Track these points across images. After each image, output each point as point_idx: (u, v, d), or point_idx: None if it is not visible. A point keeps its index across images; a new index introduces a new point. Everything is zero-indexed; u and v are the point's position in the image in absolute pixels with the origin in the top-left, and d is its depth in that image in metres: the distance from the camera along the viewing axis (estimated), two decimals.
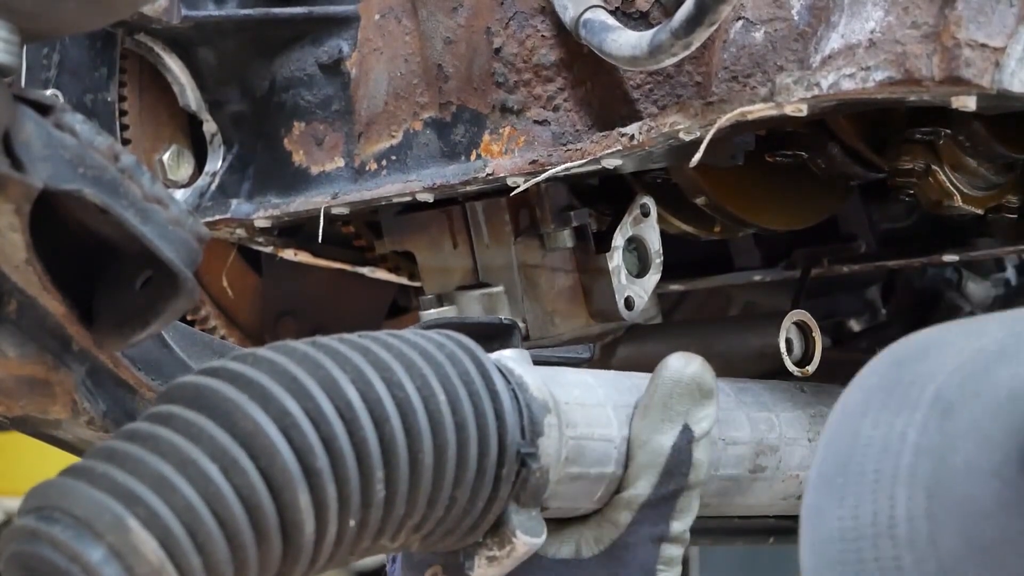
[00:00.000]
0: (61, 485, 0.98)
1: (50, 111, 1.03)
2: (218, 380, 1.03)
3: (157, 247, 1.05)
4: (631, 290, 1.63)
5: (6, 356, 1.15)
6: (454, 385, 1.10)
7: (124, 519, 0.95)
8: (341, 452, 1.02)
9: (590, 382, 1.25)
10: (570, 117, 1.54)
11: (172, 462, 0.98)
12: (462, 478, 1.09)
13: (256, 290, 2.01)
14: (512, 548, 1.16)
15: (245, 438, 1.00)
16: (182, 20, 1.68)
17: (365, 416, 1.04)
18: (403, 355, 1.09)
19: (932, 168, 1.57)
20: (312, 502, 1.01)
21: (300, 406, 1.02)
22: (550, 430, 1.16)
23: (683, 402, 1.23)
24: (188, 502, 0.97)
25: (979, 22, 1.28)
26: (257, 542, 0.99)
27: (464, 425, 1.09)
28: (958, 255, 1.78)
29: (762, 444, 1.39)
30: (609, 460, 1.22)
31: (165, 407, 1.03)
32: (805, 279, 1.84)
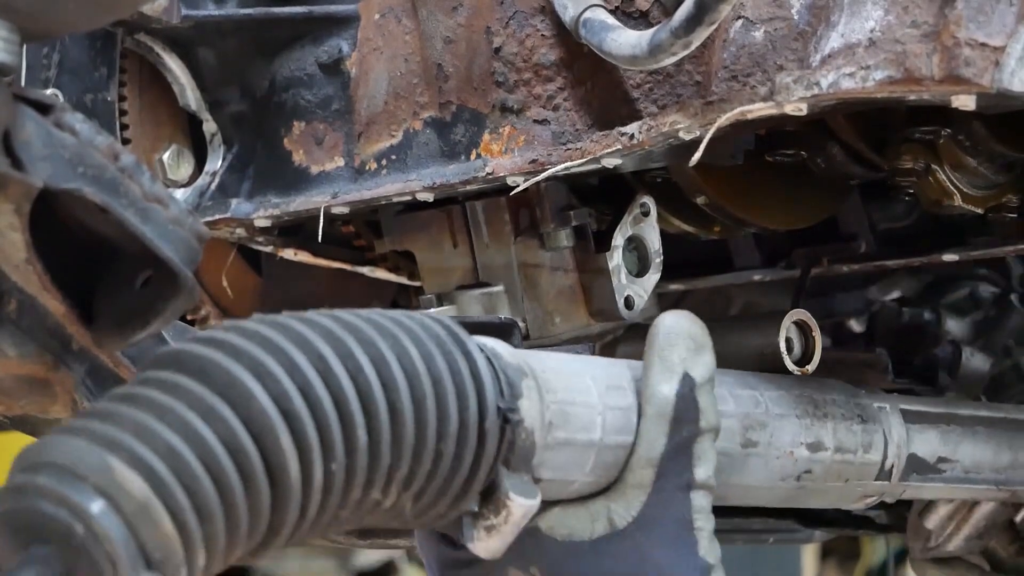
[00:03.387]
0: (43, 442, 0.99)
1: (50, 110, 1.03)
2: (193, 344, 1.05)
3: (157, 246, 1.05)
4: (631, 290, 1.63)
5: (6, 356, 1.15)
6: (426, 345, 1.12)
7: (107, 460, 0.96)
8: (318, 397, 1.03)
9: (565, 358, 1.27)
10: (570, 116, 1.55)
11: (152, 412, 0.99)
12: (444, 431, 1.10)
13: (256, 290, 2.01)
14: (508, 512, 1.16)
15: (222, 388, 1.01)
16: (182, 20, 1.68)
17: (339, 367, 1.06)
18: (372, 320, 1.11)
19: (932, 168, 1.57)
20: (294, 444, 1.02)
21: (274, 359, 1.04)
22: (529, 392, 1.17)
23: (679, 352, 1.26)
24: (169, 444, 0.98)
25: (979, 21, 1.28)
26: (244, 485, 0.99)
27: (440, 379, 1.11)
28: (958, 255, 1.78)
29: (749, 418, 1.40)
30: (594, 426, 1.23)
31: (142, 374, 1.05)
32: (805, 279, 1.84)
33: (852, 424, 1.51)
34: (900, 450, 1.55)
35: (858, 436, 1.51)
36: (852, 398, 1.54)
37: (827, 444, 1.47)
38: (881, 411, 1.55)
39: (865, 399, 1.55)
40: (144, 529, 0.96)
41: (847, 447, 1.50)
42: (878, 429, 1.54)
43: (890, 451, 1.54)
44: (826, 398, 1.50)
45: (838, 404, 1.51)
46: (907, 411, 1.58)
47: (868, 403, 1.55)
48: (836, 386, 1.54)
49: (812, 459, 1.46)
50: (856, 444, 1.51)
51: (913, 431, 1.58)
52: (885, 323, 2.08)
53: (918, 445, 1.58)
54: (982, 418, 1.67)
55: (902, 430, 1.56)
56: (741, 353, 1.62)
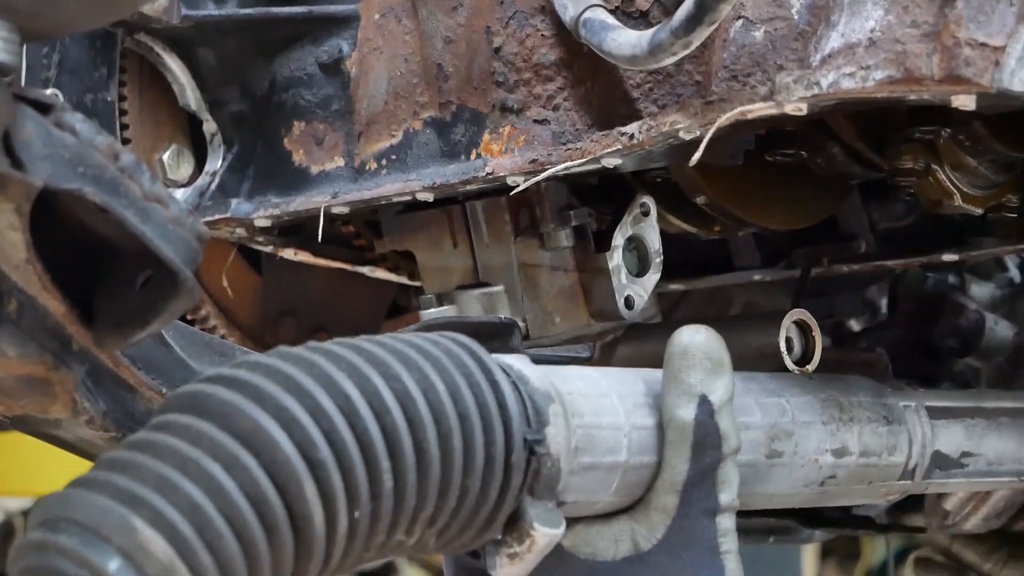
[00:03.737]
0: (64, 496, 0.98)
1: (50, 110, 1.03)
2: (213, 385, 1.03)
3: (157, 246, 1.05)
4: (631, 289, 1.63)
5: (6, 356, 1.15)
6: (452, 376, 1.09)
7: (130, 520, 0.95)
8: (343, 443, 1.01)
9: (592, 375, 1.24)
10: (570, 116, 1.54)
11: (173, 464, 0.97)
12: (471, 467, 1.08)
13: (256, 290, 2.01)
14: (532, 542, 1.14)
15: (245, 436, 0.99)
16: (182, 20, 1.68)
17: (365, 408, 1.03)
18: (398, 351, 1.09)
19: (932, 168, 1.57)
20: (319, 493, 1.00)
21: (298, 402, 1.01)
22: (555, 419, 1.15)
23: (695, 374, 1.23)
24: (193, 500, 0.96)
25: (979, 21, 1.28)
26: (267, 537, 0.98)
27: (467, 415, 1.09)
28: (958, 255, 1.78)
29: (776, 428, 1.38)
30: (620, 448, 1.21)
31: (162, 417, 1.02)
32: (805, 279, 1.84)
33: (878, 426, 1.49)
34: (924, 449, 1.54)
35: (883, 438, 1.50)
36: (878, 398, 1.52)
37: (852, 449, 1.46)
38: (907, 410, 1.54)
39: (891, 398, 1.54)
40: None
41: (872, 450, 1.48)
42: (903, 430, 1.52)
43: (914, 451, 1.53)
44: (852, 400, 1.49)
45: (864, 406, 1.49)
46: (933, 408, 1.57)
47: (894, 403, 1.53)
48: (862, 386, 1.53)
49: (837, 464, 1.45)
50: (881, 447, 1.49)
51: (938, 427, 1.57)
52: (908, 289, 2.06)
53: (943, 441, 1.57)
54: (1007, 409, 1.65)
55: (927, 428, 1.55)
56: (741, 353, 1.62)
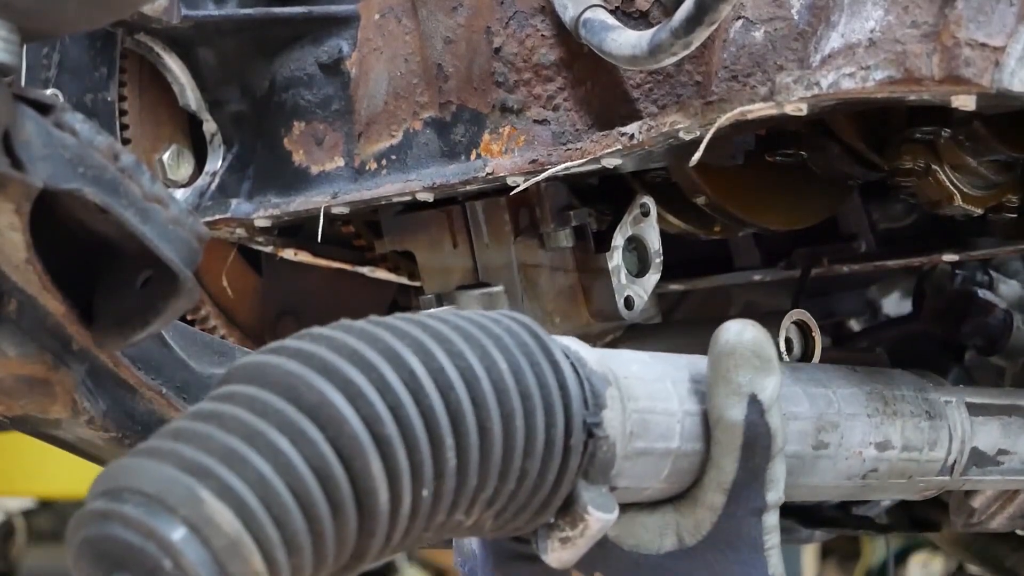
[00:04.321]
0: (128, 465, 0.95)
1: (50, 111, 1.03)
2: (278, 356, 1.01)
3: (157, 247, 1.05)
4: (631, 290, 1.63)
5: (6, 356, 1.15)
6: (515, 356, 1.08)
7: (196, 491, 0.93)
8: (409, 420, 1.00)
9: (646, 359, 1.22)
10: (570, 116, 1.54)
11: (240, 435, 0.96)
12: (531, 449, 1.07)
13: (256, 290, 2.01)
14: (585, 526, 1.13)
15: (311, 409, 0.97)
16: (182, 20, 1.68)
17: (430, 384, 1.02)
18: (460, 328, 1.07)
19: (932, 168, 1.57)
20: (384, 470, 0.98)
21: (364, 376, 1.00)
22: (613, 402, 1.14)
23: (744, 372, 1.20)
24: (260, 473, 0.94)
25: (979, 21, 1.28)
26: (332, 513, 0.96)
27: (529, 395, 1.07)
28: (958, 255, 1.78)
29: (823, 419, 1.37)
30: (673, 435, 1.20)
31: (225, 388, 1.00)
32: (805, 279, 1.84)
33: (920, 421, 1.49)
34: (964, 445, 1.54)
35: (925, 433, 1.49)
36: (920, 393, 1.52)
37: (895, 443, 1.45)
38: (947, 406, 1.54)
39: (932, 393, 1.53)
40: (233, 565, 0.92)
41: (914, 445, 1.48)
42: (944, 425, 1.52)
43: (954, 447, 1.53)
44: (895, 394, 1.48)
45: (907, 400, 1.49)
46: (972, 404, 1.57)
47: (936, 398, 1.53)
48: (905, 380, 1.52)
49: (879, 458, 1.44)
50: (923, 442, 1.49)
51: (976, 424, 1.56)
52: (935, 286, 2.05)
53: (980, 438, 1.57)
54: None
55: (967, 424, 1.55)
56: None
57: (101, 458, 1.33)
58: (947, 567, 5.61)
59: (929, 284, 2.05)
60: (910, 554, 5.58)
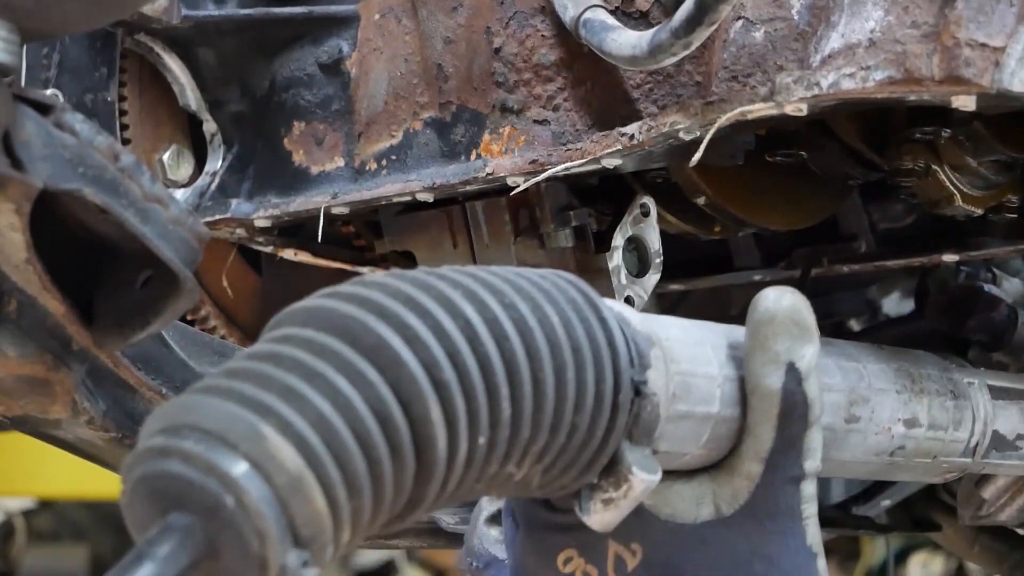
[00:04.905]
0: (186, 403, 0.92)
1: (50, 111, 1.03)
2: (333, 300, 0.99)
3: (157, 247, 1.05)
4: (631, 290, 1.63)
5: (6, 356, 1.15)
6: (565, 310, 1.07)
7: (258, 427, 0.90)
8: (466, 366, 0.99)
9: (686, 324, 1.21)
10: (570, 117, 1.55)
11: (300, 375, 0.93)
12: (582, 403, 1.06)
13: (256, 290, 2.01)
14: (629, 487, 1.11)
15: (369, 351, 0.96)
16: (182, 20, 1.68)
17: (485, 332, 1.01)
18: (511, 280, 1.06)
19: (932, 168, 1.57)
20: (443, 415, 0.97)
21: (421, 321, 0.98)
22: (657, 363, 1.13)
23: (782, 340, 1.18)
24: (320, 412, 0.92)
25: (979, 22, 1.28)
26: (392, 456, 0.94)
27: (579, 349, 1.06)
28: (958, 255, 1.78)
29: (855, 392, 1.36)
30: (713, 399, 1.19)
31: (280, 330, 0.98)
32: (805, 279, 1.84)
33: (945, 400, 1.49)
34: (986, 427, 1.54)
35: (950, 413, 1.49)
36: (945, 372, 1.52)
37: (922, 421, 1.45)
38: (971, 387, 1.54)
39: (956, 373, 1.53)
40: (295, 504, 0.90)
41: (940, 424, 1.48)
42: (968, 406, 1.52)
43: (977, 428, 1.52)
44: (922, 372, 1.48)
45: (933, 379, 1.49)
46: (993, 387, 1.57)
47: (959, 378, 1.53)
48: (929, 359, 1.52)
49: (907, 435, 1.43)
50: (948, 421, 1.49)
51: (997, 407, 1.56)
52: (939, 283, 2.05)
53: (1001, 422, 1.56)
54: None
55: (989, 407, 1.55)
56: None
57: (101, 458, 1.34)
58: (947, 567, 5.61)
59: (933, 280, 2.05)
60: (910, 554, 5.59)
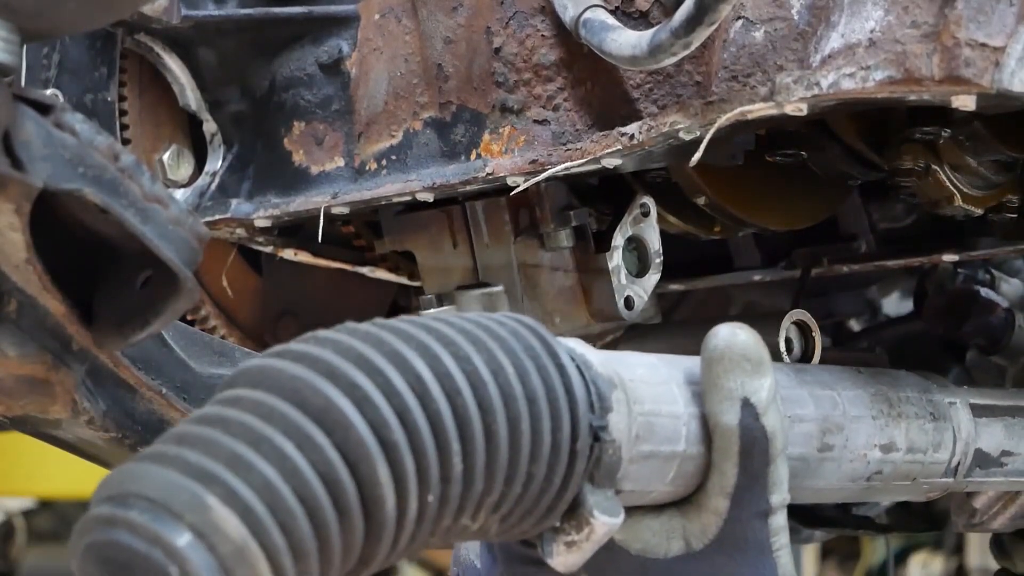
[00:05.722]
0: (133, 471, 0.95)
1: (50, 111, 1.03)
2: (282, 360, 1.00)
3: (157, 247, 1.05)
4: (631, 290, 1.63)
5: (6, 356, 1.15)
6: (521, 359, 1.08)
7: (203, 497, 0.92)
8: (416, 425, 0.99)
9: (653, 361, 1.22)
10: (570, 117, 1.54)
11: (246, 440, 0.95)
12: (538, 453, 1.07)
13: (256, 290, 2.01)
14: (591, 530, 1.12)
15: (317, 414, 0.97)
16: (182, 20, 1.68)
17: (437, 388, 1.01)
18: (466, 331, 1.07)
19: (932, 168, 1.57)
20: (391, 476, 0.98)
21: (370, 380, 0.99)
22: (619, 405, 1.13)
23: (735, 377, 1.19)
24: (266, 479, 0.94)
25: (979, 21, 1.28)
26: (339, 519, 0.96)
27: (535, 398, 1.07)
28: (958, 255, 1.78)
29: (828, 421, 1.36)
30: (678, 438, 1.20)
31: (230, 392, 1.00)
32: (805, 279, 1.84)
33: (924, 423, 1.49)
34: (968, 447, 1.54)
35: (929, 435, 1.49)
36: (925, 394, 1.51)
37: (899, 445, 1.45)
38: (952, 407, 1.53)
39: (937, 394, 1.53)
40: (239, 571, 0.92)
41: (918, 447, 1.47)
42: (948, 427, 1.52)
43: (958, 448, 1.52)
44: (900, 396, 1.48)
45: (911, 402, 1.48)
46: (976, 405, 1.56)
47: (940, 399, 1.53)
48: (909, 381, 1.52)
49: (884, 460, 1.44)
50: (927, 443, 1.48)
51: (980, 425, 1.56)
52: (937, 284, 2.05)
53: (984, 439, 1.56)
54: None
55: (971, 426, 1.54)
56: None
57: (101, 458, 1.33)
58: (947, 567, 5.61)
59: (931, 282, 2.05)
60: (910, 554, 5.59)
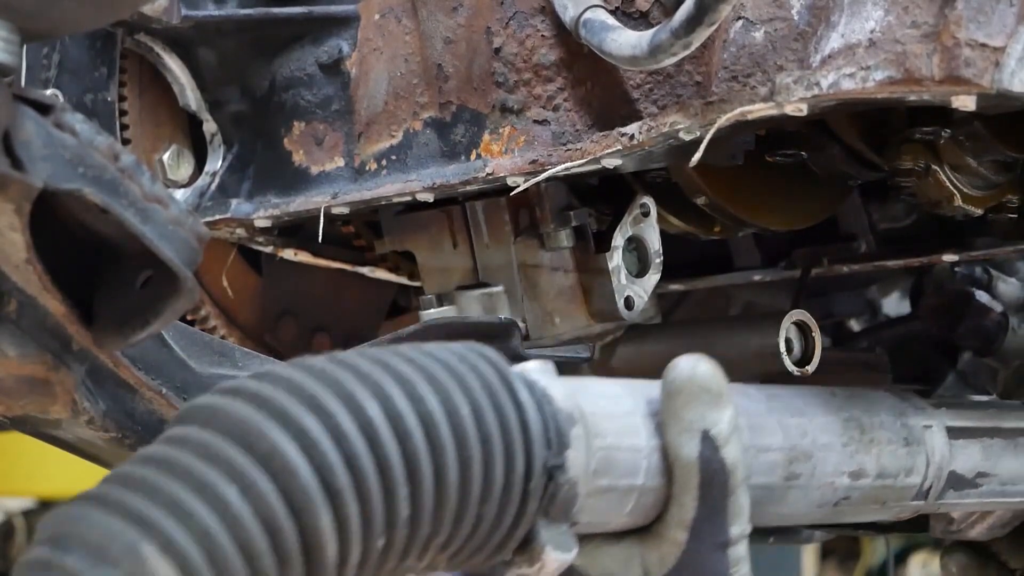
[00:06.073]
0: (74, 512, 0.95)
1: (50, 111, 1.03)
2: (234, 399, 1.01)
3: (157, 247, 1.05)
4: (631, 290, 1.63)
5: (6, 356, 1.15)
6: (477, 398, 1.07)
7: (139, 546, 0.93)
8: (363, 470, 1.00)
9: (617, 392, 1.22)
10: (570, 117, 1.54)
11: (188, 485, 0.96)
12: (488, 494, 1.07)
13: (256, 290, 2.01)
14: (542, 565, 1.12)
15: (263, 458, 0.97)
16: (182, 20, 1.68)
17: (387, 432, 1.01)
18: (424, 368, 1.07)
19: (932, 168, 1.57)
20: (334, 523, 0.98)
21: (320, 424, 0.99)
22: (577, 442, 1.13)
23: (694, 409, 1.20)
24: (205, 526, 0.94)
25: (979, 22, 1.28)
26: (278, 567, 0.96)
27: (489, 439, 1.07)
28: (958, 255, 1.78)
29: (795, 450, 1.36)
30: (638, 471, 1.20)
31: (180, 429, 1.01)
32: (805, 279, 1.84)
33: (897, 448, 1.48)
34: (941, 471, 1.53)
35: (901, 460, 1.48)
36: (900, 418, 1.50)
37: (869, 471, 1.45)
38: (927, 431, 1.52)
39: (913, 418, 1.52)
40: None
41: (889, 472, 1.47)
42: (921, 451, 1.51)
43: (930, 472, 1.52)
44: (874, 421, 1.47)
45: (885, 426, 1.48)
46: (952, 428, 1.55)
47: (915, 423, 1.52)
48: (885, 404, 1.51)
49: (852, 486, 1.44)
50: (898, 468, 1.48)
51: (956, 447, 1.55)
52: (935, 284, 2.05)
53: (959, 462, 1.55)
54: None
55: (945, 449, 1.53)
56: (741, 353, 1.62)
57: (101, 458, 1.33)
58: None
59: (929, 282, 2.05)
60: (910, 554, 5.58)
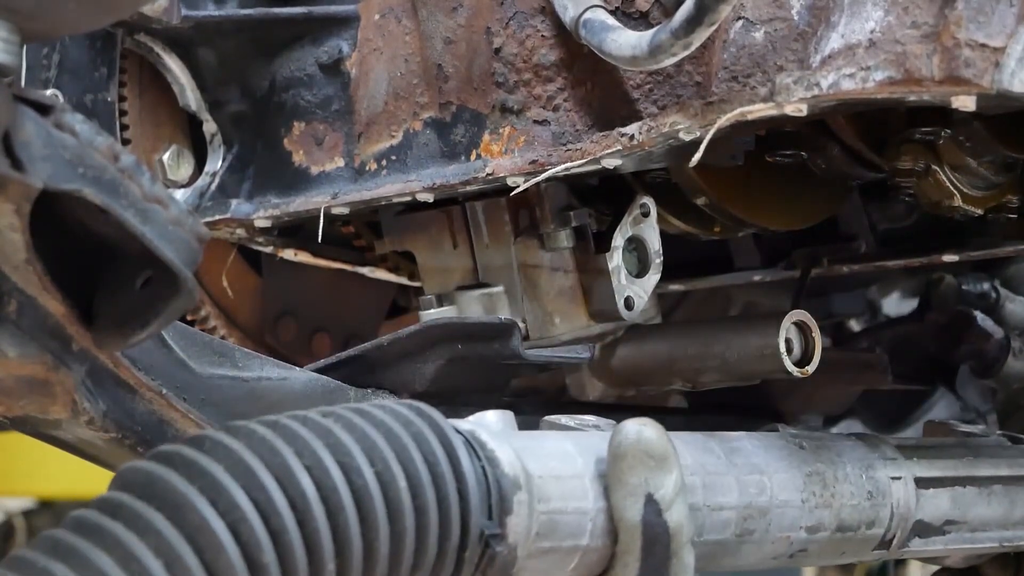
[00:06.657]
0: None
1: (50, 111, 1.03)
2: (170, 469, 1.03)
3: (157, 247, 1.05)
4: (631, 290, 1.63)
5: (6, 356, 1.15)
6: (416, 469, 1.09)
7: None
8: (290, 545, 1.02)
9: (568, 450, 1.23)
10: (570, 117, 1.54)
11: (115, 557, 0.97)
12: (420, 563, 1.09)
13: (256, 290, 2.01)
14: None
15: (192, 532, 0.99)
16: (182, 20, 1.68)
17: (318, 507, 1.04)
18: (365, 437, 1.09)
19: (932, 168, 1.57)
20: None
21: (250, 499, 1.02)
22: (519, 507, 1.15)
23: (638, 473, 1.21)
24: None
25: (979, 22, 1.28)
26: None
27: (424, 510, 1.09)
28: (958, 255, 1.78)
29: (751, 507, 1.37)
30: (583, 532, 1.21)
31: (116, 495, 1.02)
32: (805, 279, 1.84)
33: (860, 502, 1.47)
34: (905, 522, 1.52)
35: (863, 513, 1.48)
36: (867, 471, 1.50)
37: (827, 526, 1.45)
38: (895, 482, 1.51)
39: (880, 470, 1.51)
40: None
41: (849, 526, 1.47)
42: (886, 504, 1.50)
43: (894, 523, 1.51)
44: (838, 475, 1.47)
45: (850, 480, 1.47)
46: (921, 479, 1.54)
47: (882, 475, 1.51)
48: (853, 455, 1.50)
49: (809, 540, 1.44)
50: (859, 522, 1.48)
51: (924, 497, 1.54)
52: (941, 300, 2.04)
53: (927, 511, 1.55)
54: (1001, 477, 1.61)
55: (912, 501, 1.52)
56: (741, 353, 1.62)
57: (101, 458, 1.33)
58: None
59: (935, 296, 2.04)
60: None
